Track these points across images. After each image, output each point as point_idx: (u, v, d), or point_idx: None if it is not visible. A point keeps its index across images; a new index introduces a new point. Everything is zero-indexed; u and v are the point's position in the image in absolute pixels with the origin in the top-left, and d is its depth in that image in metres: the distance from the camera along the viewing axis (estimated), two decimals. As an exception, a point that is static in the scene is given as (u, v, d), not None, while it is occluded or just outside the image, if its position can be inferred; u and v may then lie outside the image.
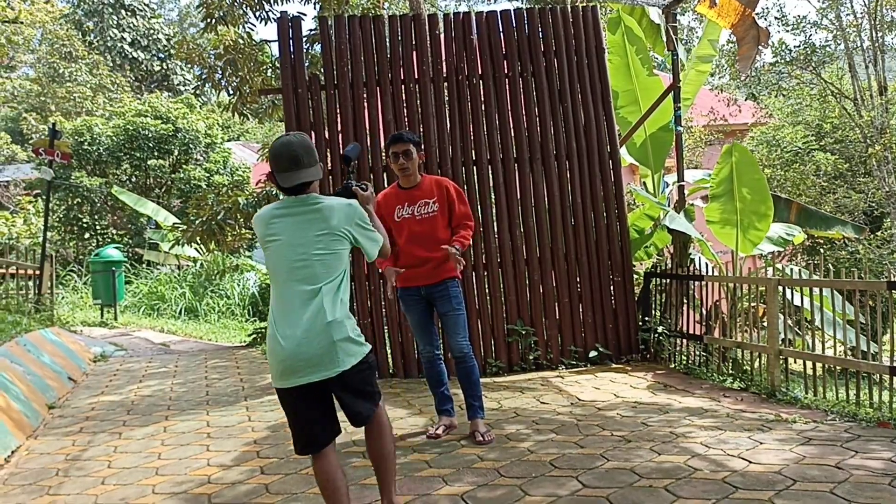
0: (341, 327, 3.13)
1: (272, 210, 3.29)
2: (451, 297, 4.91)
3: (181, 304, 14.63)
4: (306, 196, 3.25)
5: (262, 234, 3.27)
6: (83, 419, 6.06)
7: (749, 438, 4.52)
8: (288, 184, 3.20)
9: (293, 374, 3.11)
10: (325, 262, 3.19)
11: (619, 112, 8.71)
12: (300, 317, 3.10)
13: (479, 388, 4.96)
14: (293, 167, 3.18)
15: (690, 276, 7.02)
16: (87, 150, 18.42)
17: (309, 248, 3.18)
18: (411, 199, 4.89)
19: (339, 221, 3.23)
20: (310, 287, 3.14)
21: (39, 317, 9.82)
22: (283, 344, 3.09)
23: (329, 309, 3.12)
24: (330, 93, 7.09)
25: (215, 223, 8.81)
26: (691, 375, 6.66)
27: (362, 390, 3.28)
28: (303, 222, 3.20)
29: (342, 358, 3.12)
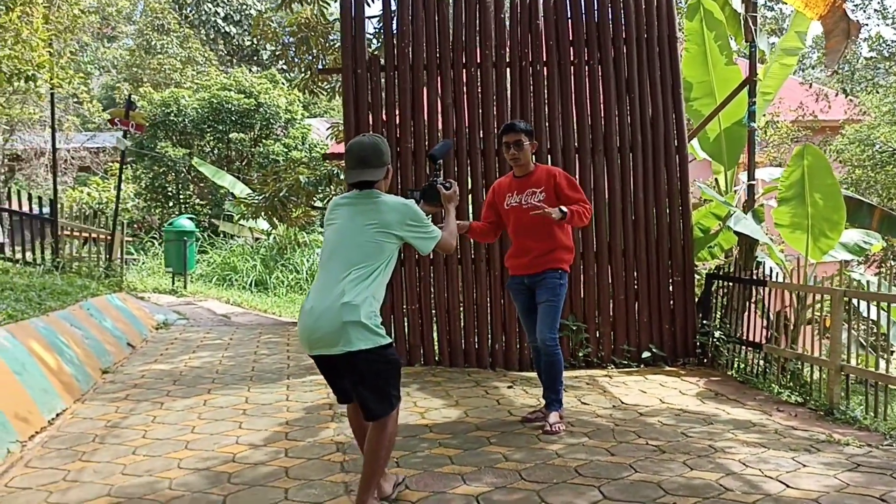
0: (354, 310, 3.24)
1: (339, 199, 3.61)
2: (546, 288, 4.91)
3: (252, 276, 14.94)
4: (370, 191, 3.50)
5: (326, 218, 3.59)
6: (131, 386, 6.22)
7: (793, 460, 4.25)
8: (351, 180, 3.52)
9: (310, 345, 3.35)
10: (364, 250, 3.37)
11: (693, 104, 8.34)
12: (325, 294, 3.30)
13: (557, 381, 4.97)
14: (359, 166, 3.48)
15: (752, 281, 6.68)
16: (172, 122, 18.97)
17: (354, 234, 3.40)
18: (520, 188, 4.97)
19: (390, 218, 3.43)
20: (342, 269, 3.34)
21: (108, 282, 10.16)
22: (305, 316, 3.33)
23: (349, 291, 3.27)
24: (389, 74, 7.01)
25: (278, 199, 8.90)
26: (747, 385, 6.35)
27: (376, 386, 3.34)
28: (358, 212, 3.46)
29: (352, 339, 3.23)
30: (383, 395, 3.35)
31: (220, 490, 3.88)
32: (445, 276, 6.93)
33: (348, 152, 3.53)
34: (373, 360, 3.28)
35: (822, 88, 15.89)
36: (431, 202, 4.03)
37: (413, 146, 6.97)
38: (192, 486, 3.94)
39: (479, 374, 6.59)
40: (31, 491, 3.94)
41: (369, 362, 3.28)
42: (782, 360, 6.34)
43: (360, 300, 3.26)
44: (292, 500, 3.73)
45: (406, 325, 6.94)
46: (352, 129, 6.92)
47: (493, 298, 6.96)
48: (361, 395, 3.36)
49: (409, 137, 6.95)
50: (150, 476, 4.13)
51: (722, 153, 8.37)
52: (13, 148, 19.19)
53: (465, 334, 6.95)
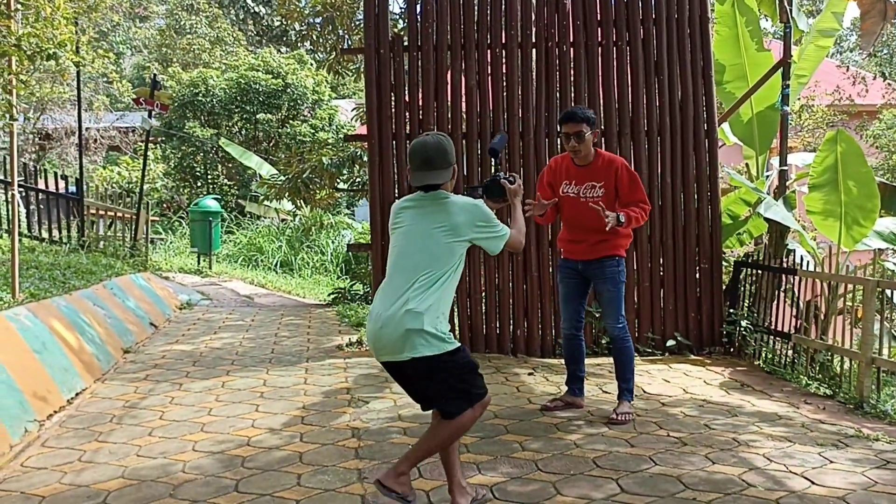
0: (417, 318, 3.13)
1: (403, 201, 3.48)
2: (606, 277, 4.80)
3: (278, 257, 14.97)
4: (436, 192, 3.36)
5: (391, 221, 3.46)
6: (151, 366, 6.23)
7: (819, 455, 4.12)
8: (416, 183, 3.36)
9: (376, 350, 3.30)
10: (432, 255, 3.25)
11: (725, 87, 8.13)
12: (389, 301, 3.21)
13: (627, 370, 4.86)
14: (424, 167, 3.32)
15: (782, 269, 6.50)
16: (200, 102, 19.01)
17: (422, 238, 3.28)
18: (580, 179, 4.77)
19: (459, 220, 3.29)
20: (409, 275, 3.23)
21: (133, 261, 10.21)
22: (372, 322, 3.26)
23: (413, 298, 3.17)
24: (413, 55, 6.90)
25: (301, 181, 8.85)
26: (774, 376, 6.19)
27: (449, 387, 3.25)
28: (425, 215, 3.33)
29: (417, 346, 3.14)
30: (459, 394, 3.25)
31: (233, 474, 3.86)
32: (467, 260, 6.81)
33: (412, 153, 3.38)
34: (440, 366, 3.20)
35: (860, 72, 15.49)
36: (495, 198, 3.81)
37: (436, 129, 6.86)
38: (205, 470, 3.93)
39: (499, 360, 6.51)
40: (45, 471, 3.95)
41: (436, 369, 3.20)
42: (811, 351, 6.18)
43: (424, 307, 3.15)
44: (304, 485, 3.69)
45: (427, 309, 6.86)
46: (374, 111, 6.83)
47: (515, 283, 6.86)
48: (434, 399, 3.31)
49: (431, 120, 6.85)
50: (165, 458, 4.12)
51: (753, 138, 8.16)
52: (44, 127, 19.37)
53: (486, 319, 6.86)
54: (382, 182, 6.84)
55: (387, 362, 3.30)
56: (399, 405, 5.09)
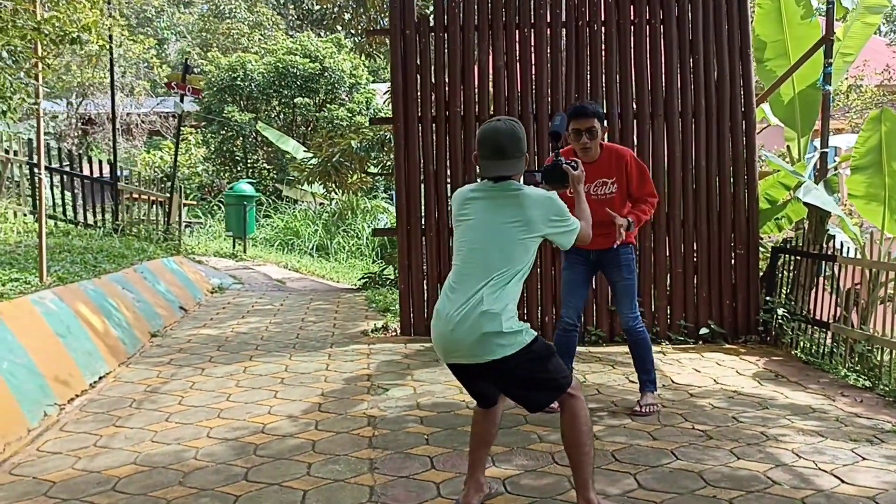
0: (494, 320, 2.94)
1: (468, 191, 3.22)
2: (621, 265, 4.61)
3: (314, 241, 14.99)
4: (507, 183, 3.13)
5: (456, 212, 3.22)
6: (177, 350, 6.24)
7: (852, 451, 3.93)
8: (489, 174, 3.13)
9: (445, 353, 3.10)
10: (506, 252, 3.04)
11: (766, 65, 7.82)
12: (461, 300, 3.00)
13: (647, 360, 4.68)
14: (495, 157, 3.09)
15: (820, 255, 6.25)
16: (239, 86, 19.07)
17: (494, 234, 3.06)
18: (589, 176, 4.45)
19: (534, 214, 3.07)
20: (481, 273, 3.02)
21: (166, 245, 10.30)
22: (440, 323, 3.06)
23: (488, 299, 2.96)
24: (439, 35, 6.76)
25: (331, 165, 8.79)
26: (811, 366, 5.96)
27: (533, 380, 3.06)
28: (496, 207, 3.10)
29: (494, 349, 2.96)
30: (539, 382, 3.07)
31: (245, 462, 3.82)
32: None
33: (482, 140, 3.12)
34: (523, 361, 3.00)
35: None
36: (555, 184, 3.54)
37: (462, 111, 6.73)
38: (217, 457, 3.89)
39: (525, 348, 6.38)
40: (60, 456, 3.95)
41: (520, 365, 3.00)
42: (851, 341, 5.93)
43: (499, 307, 2.96)
44: (314, 475, 3.63)
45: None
46: (399, 93, 6.72)
47: (543, 269, 6.71)
48: (520, 395, 3.13)
49: (458, 102, 6.71)
50: (179, 444, 4.10)
51: (795, 119, 7.85)
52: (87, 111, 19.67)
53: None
54: (408, 165, 6.73)
55: (456, 364, 3.12)
56: (419, 393, 5.01)
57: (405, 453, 3.92)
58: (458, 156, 6.73)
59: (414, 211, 6.73)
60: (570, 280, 4.72)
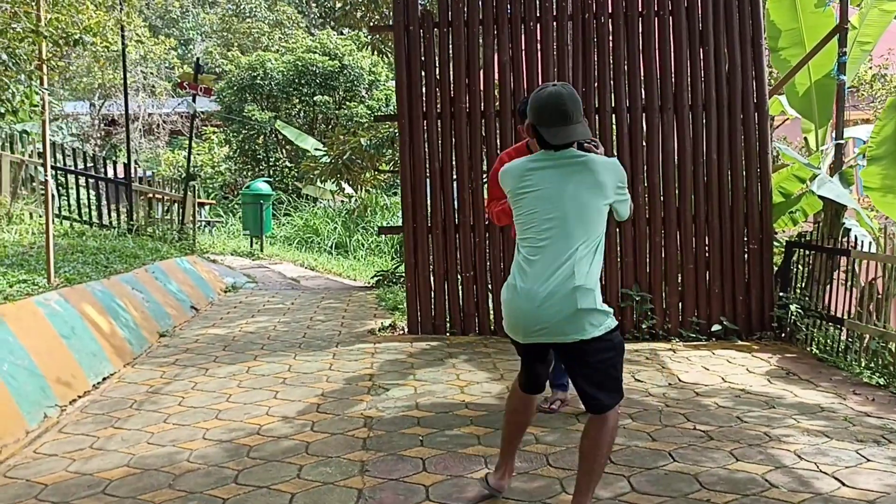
0: (588, 295, 2.84)
1: (526, 163, 3.07)
2: None
3: (332, 238, 15.02)
4: (568, 150, 2.99)
5: (514, 186, 3.05)
6: (183, 350, 6.25)
7: (856, 452, 3.81)
8: (558, 141, 2.96)
9: (526, 334, 2.95)
10: (585, 221, 2.91)
11: (780, 54, 7.64)
12: (547, 276, 2.87)
13: None
14: (563, 122, 2.94)
15: (835, 250, 6.09)
16: (259, 85, 19.16)
17: (569, 202, 2.92)
18: None
19: (606, 180, 2.95)
20: (563, 245, 2.89)
21: (180, 245, 10.35)
22: (521, 299, 2.91)
23: (579, 273, 2.85)
24: (443, 31, 6.69)
25: (342, 162, 8.77)
26: (825, 363, 5.82)
27: (605, 373, 2.93)
28: (565, 174, 2.95)
29: (585, 327, 2.84)
30: (614, 383, 2.96)
31: (236, 464, 3.79)
32: (501, 243, 6.64)
33: (544, 108, 2.95)
34: (604, 347, 2.89)
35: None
36: None
37: (468, 107, 6.66)
38: (210, 459, 3.87)
39: (533, 346, 6.30)
40: (55, 458, 3.96)
41: (600, 350, 2.89)
42: (866, 338, 5.78)
43: (592, 283, 2.86)
44: (304, 478, 3.60)
45: (461, 293, 6.71)
46: (404, 89, 6.67)
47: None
48: (588, 387, 2.95)
49: (463, 97, 6.65)
50: (173, 446, 4.09)
51: (812, 109, 7.66)
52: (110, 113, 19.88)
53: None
54: (414, 162, 6.68)
55: (533, 344, 3.00)
56: (419, 392, 4.97)
57: (398, 455, 3.87)
58: (463, 153, 6.66)
59: (420, 208, 6.68)
60: None
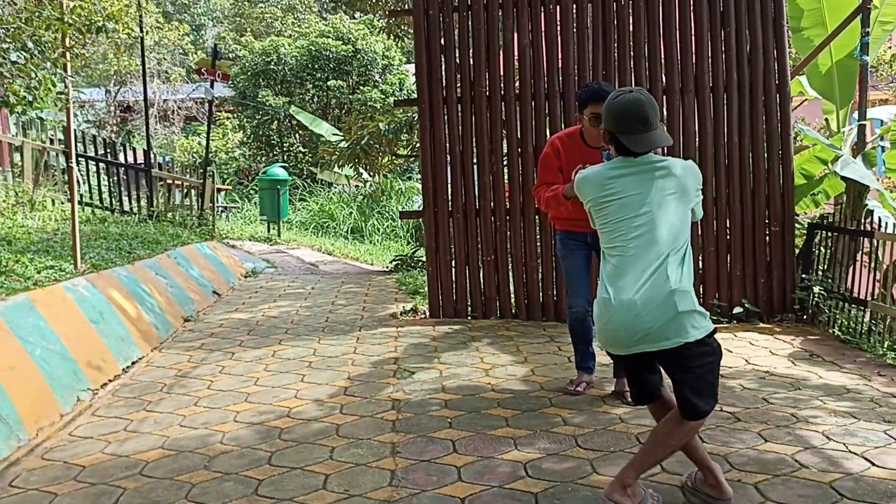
0: (686, 297, 2.84)
1: (607, 171, 3.06)
2: None
3: (348, 223, 15.07)
4: (647, 156, 3.00)
5: (597, 194, 3.05)
6: (208, 335, 6.32)
7: (885, 433, 3.83)
8: (640, 149, 2.97)
9: (627, 345, 2.91)
10: (674, 226, 2.92)
11: (803, 34, 7.59)
12: (641, 283, 2.85)
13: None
14: (647, 128, 2.95)
15: (858, 231, 6.08)
16: (273, 70, 19.16)
17: (656, 209, 2.92)
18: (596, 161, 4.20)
19: (688, 184, 2.98)
20: (654, 251, 2.88)
21: (200, 230, 10.42)
22: (617, 312, 2.88)
23: (674, 277, 2.85)
24: (463, 14, 6.68)
25: (360, 147, 8.79)
26: (848, 345, 5.82)
27: (705, 379, 2.90)
28: (648, 181, 2.96)
29: (688, 329, 2.83)
30: (711, 389, 2.93)
31: (269, 446, 3.85)
32: (522, 227, 6.66)
33: (622, 115, 2.95)
34: (704, 351, 2.87)
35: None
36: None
37: (488, 91, 6.66)
38: (243, 441, 3.93)
39: (554, 329, 6.33)
40: (91, 440, 4.03)
41: (701, 354, 2.87)
42: (890, 319, 5.78)
43: (688, 285, 2.87)
44: (336, 459, 3.64)
45: (482, 277, 6.74)
46: (424, 74, 6.67)
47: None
48: (687, 393, 2.88)
49: (483, 81, 6.64)
50: (206, 429, 4.15)
51: (833, 90, 7.62)
52: (125, 99, 19.93)
53: (542, 287, 6.68)
54: (434, 147, 6.69)
55: (634, 355, 2.94)
56: (444, 376, 5.01)
57: (428, 437, 3.91)
58: (484, 137, 6.67)
59: (441, 193, 6.69)
60: (573, 268, 4.59)
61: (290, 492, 3.31)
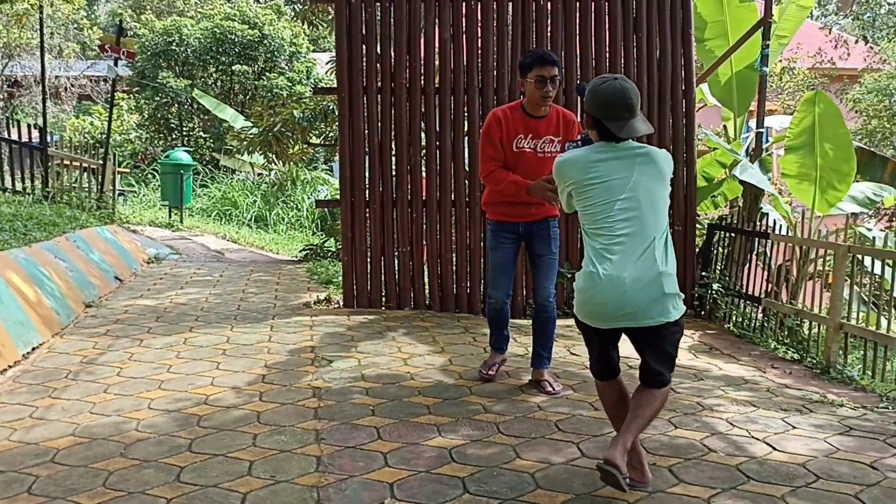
0: (672, 280, 3.00)
1: (590, 153, 3.11)
2: (551, 239, 4.54)
3: (252, 212, 14.77)
4: (628, 142, 3.09)
5: (581, 177, 3.10)
6: (113, 321, 6.10)
7: (782, 420, 4.10)
8: (626, 135, 3.04)
9: (610, 318, 3.03)
10: (657, 210, 3.03)
11: (705, 45, 7.99)
12: (631, 263, 2.95)
13: (552, 339, 4.63)
14: (632, 114, 3.03)
15: (755, 233, 6.46)
16: (174, 51, 18.51)
17: (640, 193, 3.01)
18: (536, 133, 4.37)
19: (666, 169, 3.10)
20: (641, 234, 2.98)
21: (99, 214, 10.00)
22: (606, 286, 2.95)
23: (661, 259, 2.98)
24: (385, 6, 6.67)
25: (272, 134, 8.65)
26: (743, 340, 6.19)
27: (670, 355, 3.11)
28: (631, 166, 3.05)
29: (670, 310, 2.99)
30: (673, 361, 3.15)
31: (188, 433, 3.77)
32: (438, 219, 6.73)
33: (609, 102, 3.01)
34: (675, 330, 3.07)
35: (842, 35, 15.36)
36: None
37: (408, 82, 6.69)
38: (160, 429, 3.83)
39: (468, 321, 6.44)
40: (-6, 428, 3.84)
41: (673, 333, 3.07)
42: (781, 316, 6.17)
43: (673, 269, 3.02)
44: (260, 446, 3.61)
45: (396, 267, 6.77)
46: (344, 63, 6.64)
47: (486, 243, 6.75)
48: (657, 365, 3.08)
49: (403, 73, 6.67)
50: (119, 416, 4.02)
51: (732, 99, 8.05)
52: (13, 74, 18.85)
53: (456, 279, 6.77)
54: (353, 137, 6.67)
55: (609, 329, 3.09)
56: (363, 364, 5.02)
57: (351, 424, 3.92)
58: (403, 128, 6.69)
59: (358, 182, 6.68)
60: (500, 261, 4.60)
61: (213, 478, 3.26)
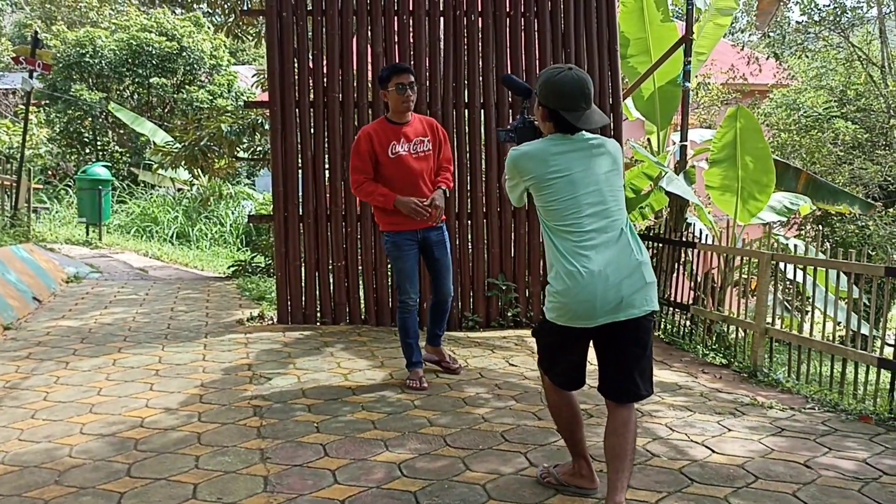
0: (650, 269, 2.98)
1: (548, 146, 3.03)
2: (446, 242, 4.89)
3: (174, 228, 14.40)
4: (582, 133, 3.04)
5: (542, 171, 3.00)
6: (35, 344, 5.85)
7: (718, 424, 4.23)
8: (585, 125, 2.99)
9: (596, 316, 2.89)
10: (618, 201, 3.01)
11: (629, 61, 8.24)
12: (607, 257, 2.89)
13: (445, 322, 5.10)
14: (588, 105, 2.99)
15: (681, 242, 6.67)
16: (88, 63, 17.97)
17: (602, 185, 2.97)
18: (407, 137, 4.74)
19: (620, 162, 3.08)
20: (608, 225, 2.95)
21: (14, 232, 9.58)
22: (589, 282, 2.86)
23: (636, 249, 2.95)
24: (317, 19, 6.64)
25: (198, 149, 8.46)
26: (673, 346, 6.37)
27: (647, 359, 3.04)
28: (589, 157, 2.99)
29: (651, 299, 2.95)
30: (650, 373, 3.05)
31: (125, 458, 3.64)
32: (372, 233, 6.70)
33: (568, 93, 2.93)
34: (647, 327, 2.99)
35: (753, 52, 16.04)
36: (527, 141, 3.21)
37: (341, 96, 6.65)
38: (95, 454, 3.69)
39: (405, 334, 6.41)
40: (-87, 460, 3.62)
41: (651, 328, 3.02)
42: (708, 322, 6.37)
43: (647, 257, 2.98)
44: (203, 468, 3.51)
45: (332, 282, 6.70)
46: (276, 76, 6.56)
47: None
48: (634, 372, 2.99)
49: (336, 87, 6.63)
50: (50, 442, 3.85)
51: (655, 113, 8.31)
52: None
53: (391, 292, 6.75)
54: (285, 151, 6.59)
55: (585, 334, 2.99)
56: (303, 381, 4.94)
57: (296, 442, 3.86)
58: (336, 142, 6.65)
59: (292, 197, 6.59)
60: (407, 269, 4.83)
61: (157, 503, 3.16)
